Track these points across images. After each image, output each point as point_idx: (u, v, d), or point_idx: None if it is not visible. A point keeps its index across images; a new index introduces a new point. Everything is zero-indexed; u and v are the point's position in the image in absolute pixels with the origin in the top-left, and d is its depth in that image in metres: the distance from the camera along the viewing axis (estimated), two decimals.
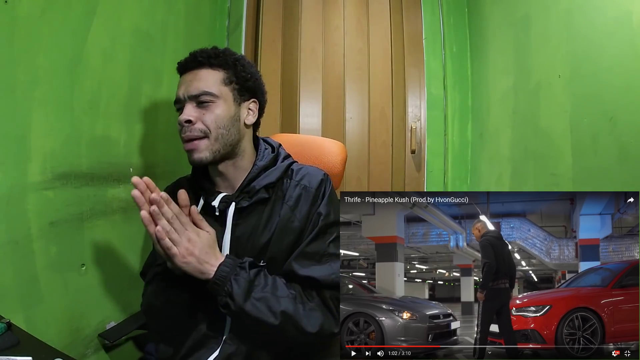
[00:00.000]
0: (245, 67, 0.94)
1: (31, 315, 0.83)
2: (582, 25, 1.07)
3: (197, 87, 0.88)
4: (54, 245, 0.90)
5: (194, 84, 0.89)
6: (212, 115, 0.88)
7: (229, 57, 0.92)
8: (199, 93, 0.88)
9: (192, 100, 0.88)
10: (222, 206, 0.89)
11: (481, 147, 1.72)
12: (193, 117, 0.87)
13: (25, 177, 0.83)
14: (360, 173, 1.88)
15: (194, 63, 0.90)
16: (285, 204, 0.90)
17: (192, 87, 0.88)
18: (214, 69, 0.90)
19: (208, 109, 0.88)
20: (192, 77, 0.89)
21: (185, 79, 0.90)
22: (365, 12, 1.95)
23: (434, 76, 1.88)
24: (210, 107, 0.88)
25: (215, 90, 0.89)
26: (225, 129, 0.89)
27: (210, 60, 0.90)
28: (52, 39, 0.87)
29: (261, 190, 0.90)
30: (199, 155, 0.87)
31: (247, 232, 0.89)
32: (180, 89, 0.90)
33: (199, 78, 0.89)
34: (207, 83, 0.89)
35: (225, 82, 0.91)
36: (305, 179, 0.93)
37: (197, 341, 0.88)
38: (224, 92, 0.90)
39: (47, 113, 0.87)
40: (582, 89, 1.05)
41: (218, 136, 0.88)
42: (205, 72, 0.90)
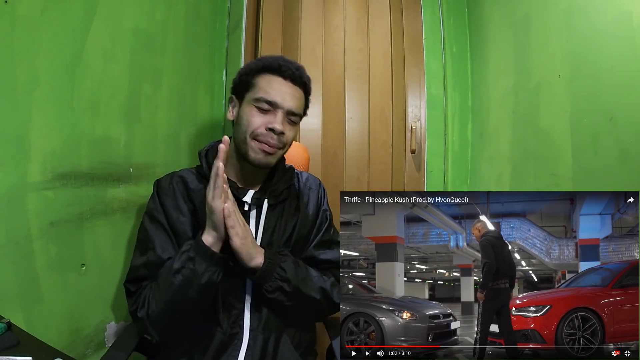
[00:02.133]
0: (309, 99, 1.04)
1: (31, 315, 0.83)
2: (582, 25, 1.07)
3: (298, 106, 0.97)
4: (54, 245, 0.90)
5: (296, 101, 0.96)
6: (292, 134, 0.98)
7: (310, 83, 1.02)
8: (297, 113, 0.97)
9: (284, 112, 0.95)
10: (255, 202, 0.97)
11: (481, 147, 1.72)
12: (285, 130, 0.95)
13: (25, 177, 0.83)
14: (360, 173, 1.88)
15: (298, 82, 0.97)
16: (301, 202, 1.05)
17: (294, 103, 0.96)
18: (304, 93, 1.00)
19: (292, 128, 0.98)
20: (293, 92, 0.96)
21: (286, 88, 0.95)
22: (365, 12, 1.95)
23: (434, 76, 1.88)
24: (294, 128, 0.99)
25: (301, 112, 1.01)
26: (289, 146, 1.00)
27: (305, 86, 1.00)
28: (52, 39, 0.87)
29: (284, 191, 1.02)
30: (271, 160, 0.96)
31: (271, 226, 0.98)
32: (276, 92, 0.94)
33: (298, 97, 0.98)
34: (301, 105, 0.99)
35: (304, 108, 1.02)
36: (309, 182, 1.10)
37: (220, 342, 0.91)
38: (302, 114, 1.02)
39: (47, 113, 0.87)
40: (582, 89, 1.05)
41: (286, 151, 1.00)
42: (301, 94, 0.99)
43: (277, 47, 1.90)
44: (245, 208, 0.96)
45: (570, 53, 1.10)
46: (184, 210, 0.96)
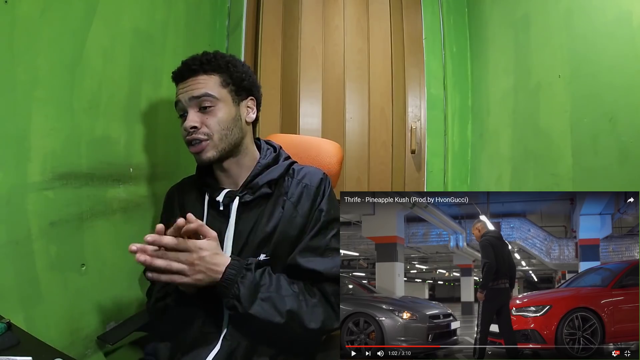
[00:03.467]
0: (237, 67, 0.97)
1: (31, 315, 0.83)
2: (582, 25, 1.07)
3: (199, 89, 0.92)
4: (54, 245, 0.90)
5: (195, 88, 0.92)
6: (215, 119, 0.92)
7: (221, 60, 0.95)
8: (201, 94, 0.91)
9: (194, 104, 0.92)
10: (226, 201, 0.93)
11: (481, 147, 1.72)
12: (197, 123, 0.91)
13: (25, 177, 0.83)
14: (360, 173, 1.88)
15: (189, 72, 0.93)
16: (288, 200, 0.94)
17: (194, 90, 0.92)
18: (209, 74, 0.94)
19: (210, 113, 0.92)
20: (191, 83, 0.93)
21: (184, 86, 0.94)
22: (365, 12, 1.95)
23: (434, 76, 1.88)
24: (213, 111, 0.92)
25: (215, 93, 0.93)
26: (228, 130, 0.94)
27: (203, 66, 0.93)
28: (52, 39, 0.87)
29: (264, 186, 0.94)
30: (206, 155, 0.92)
31: (249, 225, 0.92)
32: (180, 95, 0.94)
33: (197, 82, 0.93)
34: (206, 86, 0.92)
35: (222, 85, 0.95)
36: (306, 177, 0.97)
37: (196, 338, 0.89)
38: (223, 95, 0.94)
39: (47, 113, 0.87)
40: (582, 89, 1.05)
41: (222, 137, 0.93)
42: (202, 78, 0.93)
43: (277, 47, 1.90)
44: (220, 208, 0.93)
45: (570, 53, 1.10)
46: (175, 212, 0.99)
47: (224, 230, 0.92)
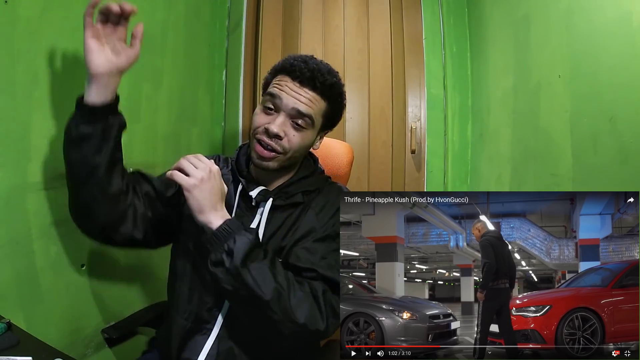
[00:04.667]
0: (342, 102, 0.96)
1: (31, 315, 0.83)
2: (582, 25, 1.07)
3: (306, 108, 0.88)
4: (54, 245, 0.90)
5: (305, 103, 0.88)
6: (299, 141, 0.89)
7: (337, 90, 0.93)
8: (307, 114, 0.88)
9: (291, 114, 0.88)
10: (259, 198, 0.91)
11: (481, 147, 1.72)
12: (284, 134, 0.87)
13: (25, 177, 0.83)
14: (360, 173, 1.88)
15: (309, 82, 0.88)
16: (311, 210, 0.92)
17: (302, 104, 0.87)
18: (323, 99, 0.91)
19: (299, 132, 0.89)
20: (303, 93, 0.88)
21: (296, 89, 0.88)
22: (365, 12, 1.95)
23: (434, 76, 1.88)
24: (301, 133, 0.89)
25: (316, 120, 0.91)
26: (300, 154, 0.93)
27: (324, 90, 0.90)
28: (52, 39, 0.87)
29: (298, 194, 0.93)
30: (270, 164, 0.89)
31: (272, 229, 0.90)
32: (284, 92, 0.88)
33: (309, 99, 0.88)
34: (314, 109, 0.89)
35: (322, 115, 0.92)
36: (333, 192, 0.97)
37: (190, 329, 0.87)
38: (317, 122, 0.92)
39: (47, 113, 0.87)
40: (582, 89, 1.05)
41: (292, 157, 0.91)
42: (316, 98, 0.89)
43: (277, 47, 1.90)
44: (252, 203, 0.91)
45: (570, 53, 1.10)
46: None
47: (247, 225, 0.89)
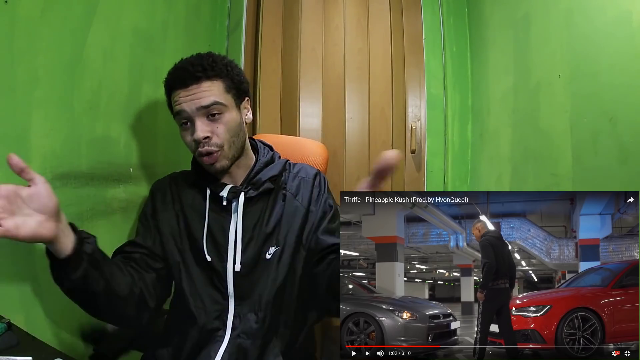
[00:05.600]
0: (235, 69, 0.96)
1: (31, 315, 0.83)
2: (582, 25, 1.07)
3: (206, 98, 0.89)
4: None
5: (201, 96, 0.89)
6: (224, 127, 0.91)
7: (221, 64, 0.93)
8: (210, 103, 0.89)
9: (201, 113, 0.89)
10: (231, 196, 0.94)
11: (481, 147, 1.72)
12: (209, 133, 0.90)
13: None
14: (360, 173, 1.88)
15: (192, 78, 0.89)
16: (288, 192, 0.98)
17: (201, 99, 0.89)
18: (212, 80, 0.91)
19: (219, 121, 0.91)
20: (195, 90, 0.89)
21: (187, 94, 0.90)
22: (365, 12, 1.95)
23: (434, 76, 1.88)
24: (221, 119, 0.91)
25: (222, 100, 0.91)
26: (236, 136, 0.93)
27: (207, 72, 0.90)
28: (52, 39, 0.87)
29: (267, 181, 0.96)
30: (220, 164, 0.92)
31: (253, 220, 0.94)
32: (183, 104, 0.90)
33: (202, 90, 0.89)
34: (214, 93, 0.90)
35: (226, 90, 0.93)
36: (302, 171, 1.03)
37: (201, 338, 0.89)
38: (228, 101, 0.93)
39: (47, 113, 0.87)
40: (582, 89, 1.05)
41: (231, 144, 0.92)
42: (207, 85, 0.90)
43: (277, 47, 1.90)
44: (223, 203, 0.94)
45: (570, 53, 1.10)
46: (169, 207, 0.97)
47: (227, 225, 0.93)
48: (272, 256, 0.93)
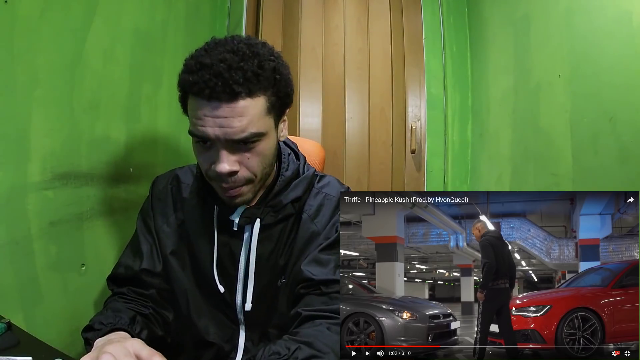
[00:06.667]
0: (284, 78, 0.73)
1: (31, 315, 0.83)
2: (582, 25, 1.07)
3: (242, 128, 0.67)
4: (54, 245, 0.90)
5: (236, 124, 0.67)
6: (259, 158, 0.72)
7: (269, 70, 0.70)
8: (247, 136, 0.68)
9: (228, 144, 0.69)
10: (243, 222, 0.78)
11: (481, 147, 1.72)
12: (237, 167, 0.71)
13: (25, 177, 0.83)
14: (360, 173, 1.88)
15: (230, 94, 0.66)
16: (304, 214, 0.81)
17: (235, 128, 0.67)
18: (254, 98, 0.68)
19: (253, 151, 0.71)
20: (229, 112, 0.66)
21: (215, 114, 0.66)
22: (365, 11, 1.95)
23: (434, 76, 1.88)
24: (256, 149, 0.71)
25: (263, 129, 0.70)
26: (270, 166, 0.76)
27: (249, 86, 0.67)
28: (52, 39, 0.87)
29: (288, 205, 0.80)
30: (242, 199, 0.75)
31: (268, 249, 0.81)
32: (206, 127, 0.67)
33: (239, 114, 0.67)
34: (252, 121, 0.68)
35: (268, 111, 0.71)
36: (327, 187, 0.85)
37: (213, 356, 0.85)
38: (268, 125, 0.72)
39: (47, 113, 0.87)
40: (582, 89, 1.05)
41: (263, 176, 0.75)
42: (245, 105, 0.67)
43: (277, 47, 1.90)
44: (234, 228, 0.79)
45: (570, 53, 1.10)
46: (170, 219, 0.85)
47: (237, 251, 0.81)
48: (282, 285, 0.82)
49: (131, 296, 0.81)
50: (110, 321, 0.71)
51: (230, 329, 0.85)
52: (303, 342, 0.70)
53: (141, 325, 0.76)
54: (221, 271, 0.82)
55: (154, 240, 0.85)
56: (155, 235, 0.86)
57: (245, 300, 0.81)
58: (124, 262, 0.85)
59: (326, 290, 0.77)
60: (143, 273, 0.83)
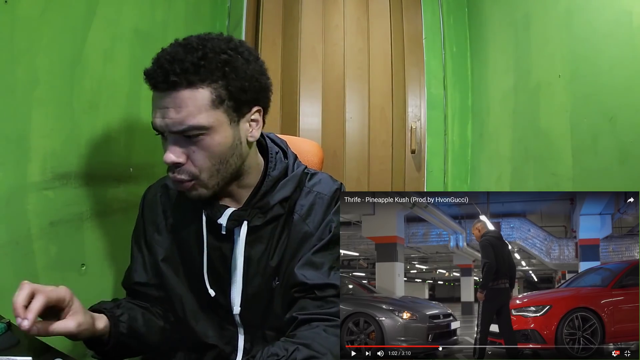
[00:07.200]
0: (238, 70, 0.71)
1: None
2: (582, 25, 1.07)
3: (180, 120, 0.68)
4: (54, 245, 0.90)
5: (174, 115, 0.68)
6: (205, 154, 0.70)
7: (214, 62, 0.69)
8: (185, 128, 0.68)
9: (172, 135, 0.70)
10: (230, 225, 0.77)
11: (481, 147, 1.72)
12: (182, 159, 0.70)
13: (25, 177, 0.83)
14: (360, 173, 1.88)
15: (165, 83, 0.67)
16: (295, 214, 0.80)
17: (173, 119, 0.68)
18: (195, 88, 0.68)
19: (198, 145, 0.70)
20: (170, 103, 0.68)
21: (160, 104, 0.69)
22: (365, 11, 1.95)
23: (434, 76, 1.88)
24: (201, 143, 0.70)
25: (204, 122, 0.68)
26: (221, 164, 0.73)
27: (188, 76, 0.67)
28: (52, 39, 0.87)
29: (276, 206, 0.79)
30: (196, 193, 0.74)
31: (259, 251, 0.80)
32: (156, 114, 0.70)
33: (178, 104, 0.67)
34: (191, 112, 0.67)
35: (213, 105, 0.69)
36: (319, 185, 0.83)
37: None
38: (215, 119, 0.70)
39: (47, 113, 0.87)
40: (582, 89, 1.05)
41: (212, 173, 0.73)
42: (186, 95, 0.67)
43: (277, 47, 1.90)
44: (222, 232, 0.78)
45: (570, 53, 1.10)
46: (160, 227, 0.85)
47: (228, 253, 0.80)
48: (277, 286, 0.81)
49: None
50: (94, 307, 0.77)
51: (228, 331, 0.85)
52: (301, 344, 0.70)
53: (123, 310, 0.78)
54: (213, 274, 0.81)
55: (146, 252, 0.86)
56: (144, 245, 0.86)
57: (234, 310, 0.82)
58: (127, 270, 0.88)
59: (320, 294, 0.77)
60: (136, 286, 0.85)
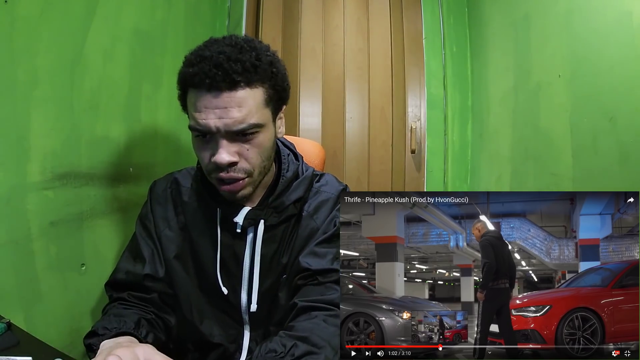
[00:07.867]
0: (281, 73, 0.77)
1: (31, 315, 0.83)
2: (582, 25, 1.07)
3: (242, 118, 0.69)
4: (54, 245, 0.90)
5: (236, 114, 0.69)
6: (258, 150, 0.73)
7: (266, 61, 0.72)
8: (246, 127, 0.70)
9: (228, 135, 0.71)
10: (247, 224, 0.79)
11: (481, 147, 1.72)
12: (236, 158, 0.72)
13: (25, 177, 0.83)
14: (360, 173, 1.88)
15: (229, 84, 0.68)
16: (304, 212, 0.83)
17: (235, 118, 0.69)
18: (252, 88, 0.70)
19: (252, 143, 0.72)
20: (229, 102, 0.68)
21: (216, 104, 0.68)
22: (366, 11, 1.95)
23: (434, 76, 1.88)
24: (254, 141, 0.72)
25: (262, 120, 0.72)
26: (268, 160, 0.77)
27: (248, 76, 0.69)
28: (52, 39, 0.87)
29: (290, 206, 0.81)
30: (242, 193, 0.75)
31: (271, 251, 0.82)
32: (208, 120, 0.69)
33: (238, 104, 0.68)
34: (250, 111, 0.70)
35: (266, 103, 0.73)
36: (326, 186, 0.87)
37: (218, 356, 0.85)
38: (267, 117, 0.73)
39: (47, 113, 0.87)
40: (582, 89, 1.05)
41: (262, 170, 0.76)
42: (244, 95, 0.69)
43: (277, 47, 1.90)
44: (237, 230, 0.80)
45: (570, 53, 1.10)
46: (172, 223, 0.85)
47: (240, 252, 0.81)
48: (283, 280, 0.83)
49: (132, 301, 0.80)
50: (115, 325, 0.70)
51: (234, 330, 0.85)
52: (298, 338, 0.70)
53: (147, 329, 0.75)
54: (226, 274, 0.82)
55: (155, 245, 0.85)
56: (156, 239, 0.85)
57: (250, 301, 0.82)
58: (123, 267, 0.84)
59: (323, 279, 0.78)
60: (146, 278, 0.82)
